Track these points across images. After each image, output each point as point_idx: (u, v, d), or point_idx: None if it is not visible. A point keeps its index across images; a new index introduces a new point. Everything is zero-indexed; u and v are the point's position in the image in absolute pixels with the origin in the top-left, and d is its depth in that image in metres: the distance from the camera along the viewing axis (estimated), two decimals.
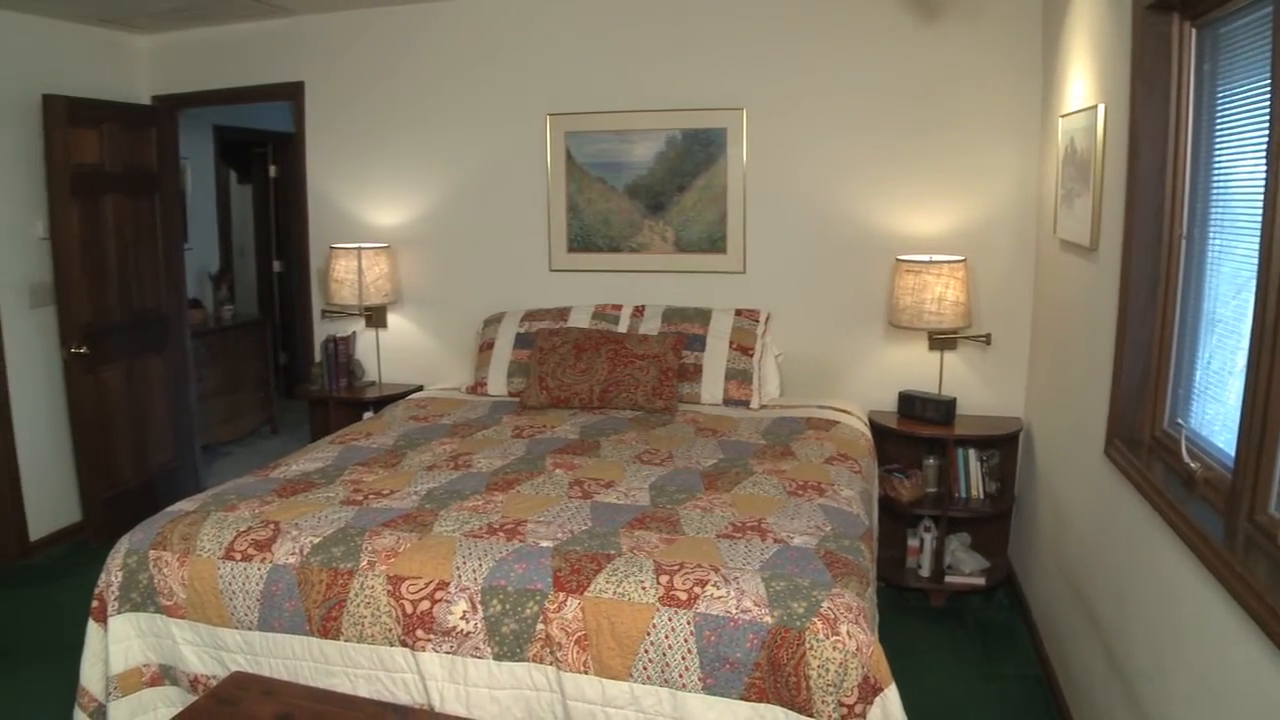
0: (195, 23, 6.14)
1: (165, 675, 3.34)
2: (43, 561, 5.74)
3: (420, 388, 5.81)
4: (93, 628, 3.40)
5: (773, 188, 5.23)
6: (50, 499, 5.92)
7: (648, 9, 5.31)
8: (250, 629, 3.14)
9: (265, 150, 9.42)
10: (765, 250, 5.29)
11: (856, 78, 5.03)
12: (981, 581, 4.84)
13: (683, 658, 2.63)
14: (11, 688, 4.25)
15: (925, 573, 4.90)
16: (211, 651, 3.23)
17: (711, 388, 4.91)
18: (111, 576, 3.37)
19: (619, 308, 5.30)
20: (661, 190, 5.39)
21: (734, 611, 2.64)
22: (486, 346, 5.39)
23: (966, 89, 4.90)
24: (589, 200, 5.51)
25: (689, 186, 5.34)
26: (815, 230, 5.19)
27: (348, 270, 5.66)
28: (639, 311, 5.23)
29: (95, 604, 3.40)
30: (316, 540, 3.18)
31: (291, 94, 6.19)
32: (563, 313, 5.34)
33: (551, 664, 2.78)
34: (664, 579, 2.77)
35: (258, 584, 3.13)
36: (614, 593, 2.75)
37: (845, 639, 2.53)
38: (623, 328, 5.17)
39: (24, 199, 5.67)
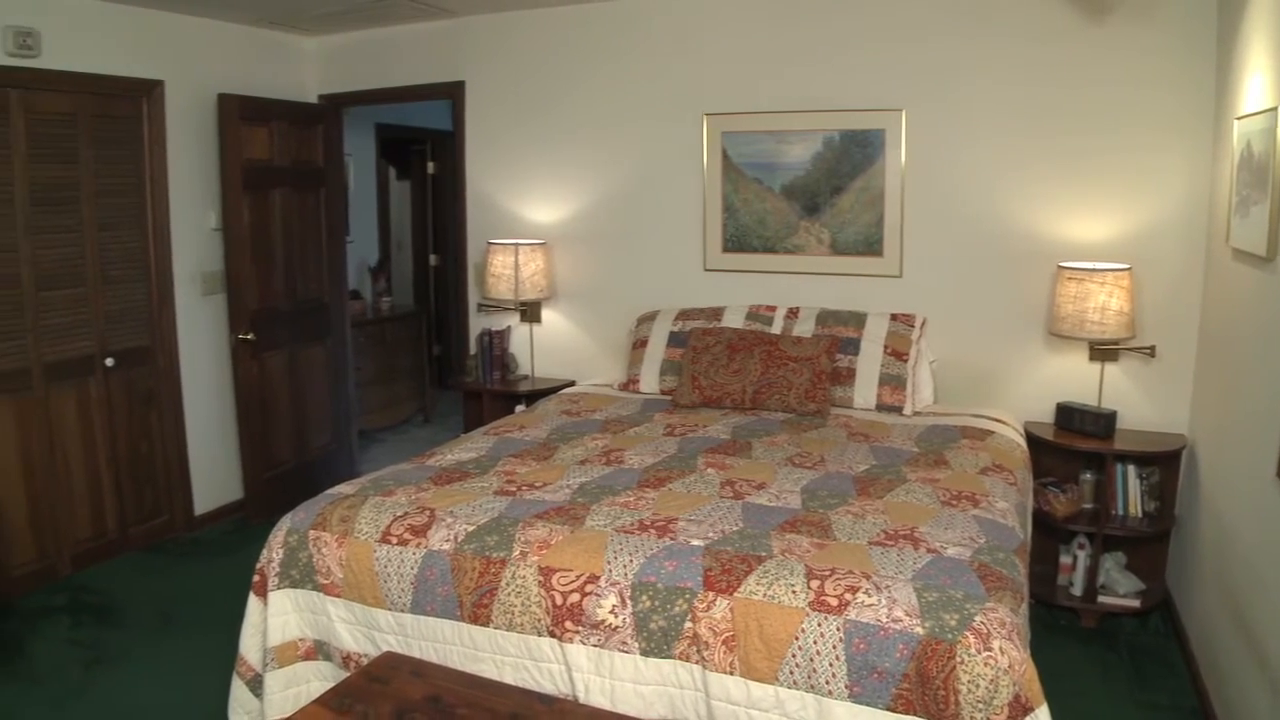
0: (360, 25, 6.33)
1: (319, 650, 3.46)
2: (205, 536, 6.00)
3: (572, 383, 5.88)
4: (253, 601, 3.54)
5: (931, 190, 5.13)
6: (214, 477, 6.20)
7: (807, 9, 5.27)
8: (403, 611, 3.22)
9: (424, 147, 9.63)
10: (922, 254, 5.20)
11: (1018, 78, 4.89)
12: (1136, 604, 4.65)
13: (830, 664, 2.60)
14: (174, 653, 4.47)
15: (1077, 591, 4.74)
16: (364, 630, 3.33)
17: (864, 392, 4.84)
18: (273, 553, 3.49)
19: (773, 309, 5.27)
20: (818, 191, 5.34)
21: (884, 620, 2.60)
22: (640, 344, 5.42)
23: (1134, 90, 4.71)
24: (745, 200, 5.49)
25: (846, 188, 5.27)
26: (974, 234, 5.07)
27: (505, 265, 5.75)
28: (793, 313, 5.20)
29: (256, 579, 3.54)
30: (470, 528, 3.24)
31: (452, 93, 6.32)
32: (717, 312, 5.33)
33: (697, 662, 2.78)
34: (815, 584, 2.74)
35: (412, 568, 3.20)
36: (764, 595, 2.74)
37: (998, 655, 2.47)
38: (776, 329, 5.13)
39: (198, 192, 5.94)
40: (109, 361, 5.51)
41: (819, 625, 2.64)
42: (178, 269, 5.85)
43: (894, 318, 5.04)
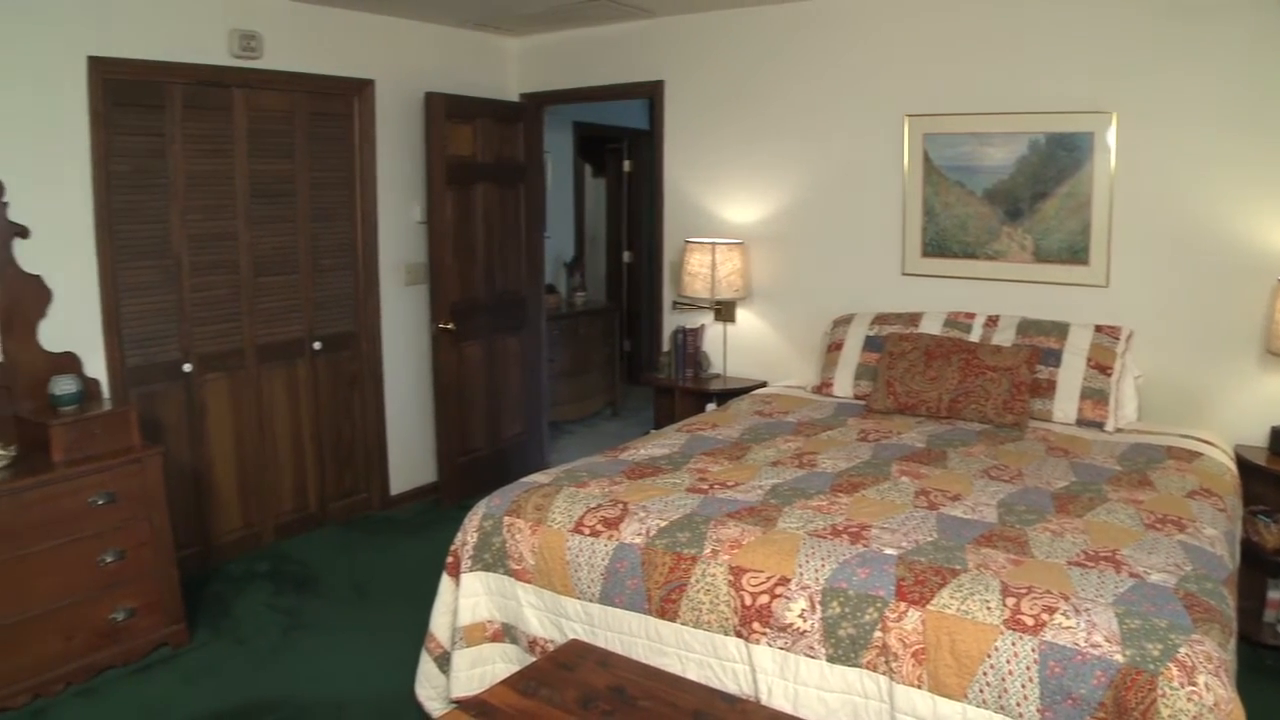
0: (561, 25, 6.45)
1: (506, 633, 3.54)
2: (399, 515, 6.23)
3: (764, 383, 5.86)
4: (446, 581, 3.66)
5: (1142, 197, 4.88)
6: (410, 459, 6.44)
7: (1012, 7, 5.11)
8: (591, 601, 3.28)
9: (620, 145, 9.72)
10: (1130, 264, 4.97)
11: (1237, 81, 4.59)
12: None
13: (1023, 686, 2.52)
14: (365, 624, 4.67)
15: None
16: (552, 617, 3.39)
17: (1065, 406, 4.67)
18: (467, 536, 3.59)
19: (972, 316, 5.13)
20: (1021, 196, 5.17)
21: (1083, 644, 2.50)
22: (835, 347, 5.36)
23: None
24: (946, 204, 5.38)
25: (1051, 193, 5.09)
26: (1186, 244, 4.80)
27: (701, 264, 5.78)
28: (992, 321, 5.06)
29: (450, 560, 3.65)
30: (663, 524, 3.27)
31: (651, 92, 6.38)
32: (914, 318, 5.23)
33: (885, 673, 2.74)
34: (1010, 601, 2.66)
35: (603, 559, 3.25)
36: (957, 609, 2.68)
37: (1203, 691, 2.34)
38: (975, 337, 5.01)
39: (404, 186, 6.19)
40: (316, 345, 5.79)
41: (1013, 644, 2.56)
42: (383, 259, 6.10)
43: (1098, 329, 4.84)
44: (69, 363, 4.54)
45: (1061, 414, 4.66)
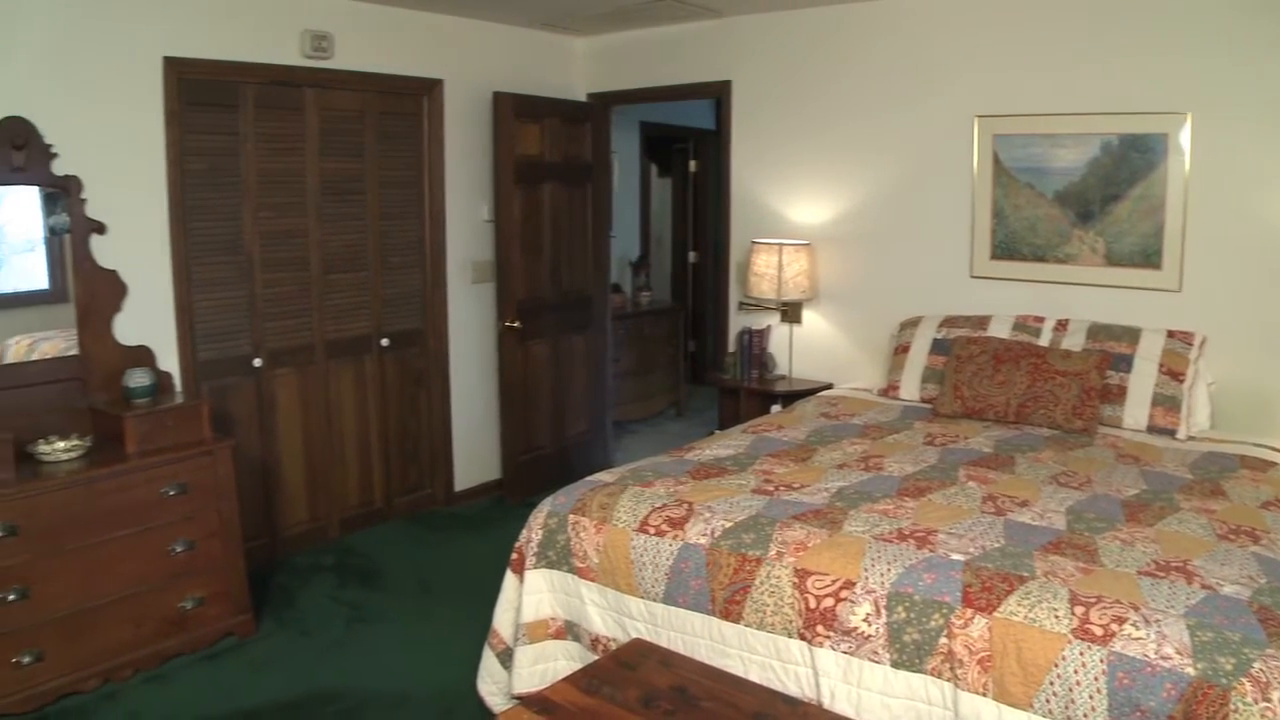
0: (629, 25, 6.46)
1: (569, 630, 3.56)
2: (463, 511, 6.28)
3: (829, 385, 5.82)
4: (510, 577, 3.69)
5: (1217, 200, 4.77)
6: (474, 456, 6.49)
7: (1082, 6, 5.02)
8: (655, 600, 3.29)
9: (686, 145, 9.72)
10: (1204, 268, 4.86)
11: None
12: None
13: (1090, 696, 2.48)
14: (428, 619, 4.72)
15: None
16: (615, 616, 3.40)
17: (1135, 412, 4.59)
18: (532, 533, 3.62)
19: (1041, 320, 5.06)
20: (1092, 198, 5.09)
21: (1153, 656, 2.45)
22: (902, 350, 5.33)
23: None
24: (1015, 206, 5.31)
25: (1123, 195, 5.00)
26: (1262, 248, 4.68)
27: (768, 265, 5.76)
28: (1062, 325, 4.98)
29: (514, 556, 3.68)
30: (728, 525, 3.27)
31: (718, 92, 6.37)
32: (982, 321, 5.17)
33: (949, 680, 2.71)
34: (1079, 610, 2.62)
35: (668, 559, 3.26)
36: (1025, 616, 2.64)
37: (1277, 708, 2.28)
38: (1044, 341, 4.94)
39: (472, 185, 6.23)
40: (384, 341, 5.85)
41: (1081, 654, 2.52)
42: (450, 257, 6.16)
43: (1171, 334, 4.74)
44: (143, 356, 4.62)
45: (1132, 420, 4.59)
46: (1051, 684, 2.54)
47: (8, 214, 4.30)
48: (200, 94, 4.87)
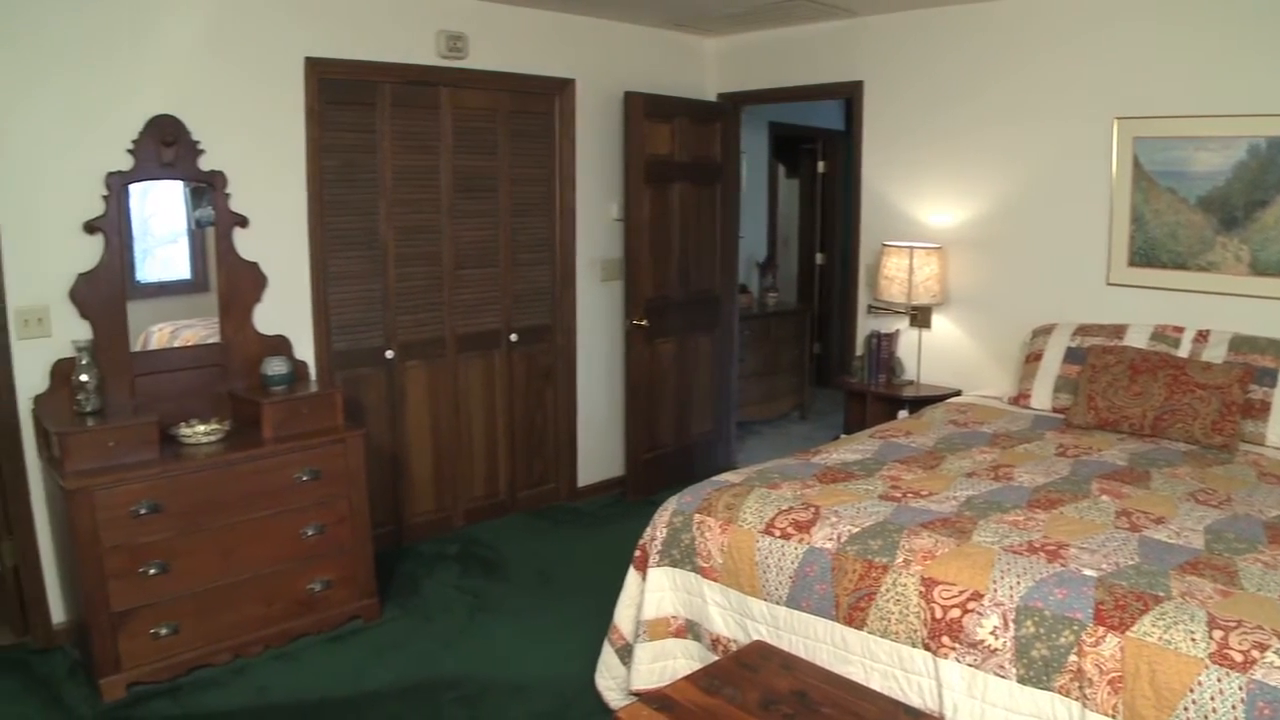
0: (760, 25, 6.43)
1: (689, 630, 3.57)
2: (585, 507, 6.33)
3: (958, 392, 5.73)
4: (632, 574, 3.71)
5: None
6: (598, 452, 6.54)
7: (1230, 4, 4.82)
8: (778, 603, 3.28)
9: (814, 146, 9.65)
10: None
11: None
12: None
13: None
14: (549, 611, 4.78)
15: None
16: (736, 617, 3.40)
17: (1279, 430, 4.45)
18: (656, 531, 3.64)
19: (1180, 330, 4.90)
20: (1237, 204, 4.89)
21: None
22: (1034, 358, 5.21)
23: None
24: (1156, 211, 5.14)
25: (1270, 201, 4.78)
26: None
27: (898, 268, 5.69)
28: (1202, 336, 4.82)
29: (638, 554, 3.70)
30: (855, 530, 3.24)
31: (849, 93, 6.31)
32: (1118, 330, 5.02)
33: (1078, 699, 2.64)
34: (1217, 634, 2.52)
35: (793, 562, 3.25)
36: (1160, 638, 2.56)
37: None
38: (1183, 352, 4.78)
39: (602, 184, 6.27)
40: (513, 337, 5.94)
41: (1219, 680, 2.43)
42: (580, 255, 6.21)
43: None
44: (280, 345, 4.77)
45: (1275, 438, 4.40)
46: (1186, 709, 2.45)
47: (154, 207, 4.47)
48: (339, 93, 5.00)
